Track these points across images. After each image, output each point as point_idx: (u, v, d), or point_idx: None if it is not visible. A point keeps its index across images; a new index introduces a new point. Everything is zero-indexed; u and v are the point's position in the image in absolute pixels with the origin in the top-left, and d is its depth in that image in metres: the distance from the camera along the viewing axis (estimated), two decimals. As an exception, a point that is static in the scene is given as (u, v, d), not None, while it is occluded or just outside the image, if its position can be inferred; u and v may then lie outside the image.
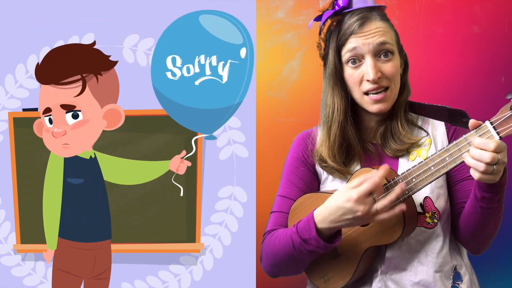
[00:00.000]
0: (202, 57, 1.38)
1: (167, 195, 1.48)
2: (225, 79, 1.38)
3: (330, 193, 1.23)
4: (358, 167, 1.29)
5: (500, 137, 1.05)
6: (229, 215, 1.49)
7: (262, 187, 1.47)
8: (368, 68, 1.21)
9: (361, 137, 1.31)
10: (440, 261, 1.24)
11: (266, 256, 1.30)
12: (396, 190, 1.12)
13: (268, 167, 1.70)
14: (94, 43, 1.44)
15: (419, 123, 1.30)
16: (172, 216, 1.49)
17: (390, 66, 1.22)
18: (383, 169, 1.12)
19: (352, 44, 1.22)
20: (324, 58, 1.29)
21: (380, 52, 1.22)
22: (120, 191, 1.47)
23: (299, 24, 1.99)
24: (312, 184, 1.34)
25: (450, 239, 1.27)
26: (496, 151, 1.04)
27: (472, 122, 1.09)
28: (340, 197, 1.14)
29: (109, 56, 1.42)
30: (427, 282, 1.23)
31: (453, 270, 1.26)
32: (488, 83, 1.94)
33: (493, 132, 1.06)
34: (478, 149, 1.05)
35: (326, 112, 1.28)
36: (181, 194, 1.48)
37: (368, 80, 1.22)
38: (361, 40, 1.21)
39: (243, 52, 1.39)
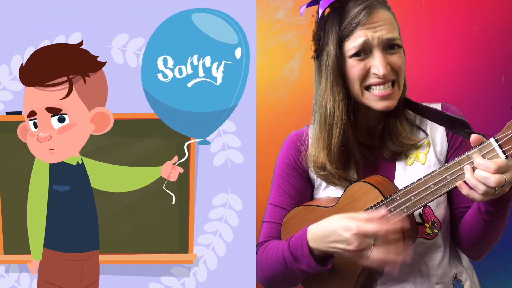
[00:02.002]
0: (195, 57, 1.36)
1: (158, 203, 1.46)
2: (219, 80, 1.36)
3: (324, 206, 1.23)
4: (354, 174, 1.27)
5: (507, 156, 0.99)
6: (224, 224, 1.46)
7: (262, 187, 1.47)
8: (378, 63, 1.16)
9: (357, 139, 1.28)
10: (441, 272, 1.23)
11: (260, 270, 1.30)
12: (397, 259, 1.09)
13: (268, 168, 1.71)
14: (81, 43, 1.42)
15: (417, 122, 1.28)
16: (163, 225, 1.47)
17: (397, 58, 1.19)
18: (400, 223, 1.08)
19: (360, 37, 1.16)
20: (320, 49, 1.23)
21: (387, 47, 1.18)
22: (109, 199, 1.45)
23: (299, 24, 2.04)
24: (305, 191, 1.32)
25: (450, 247, 1.26)
26: (500, 171, 0.98)
27: (474, 137, 1.03)
28: (339, 223, 1.11)
29: (97, 56, 1.40)
30: None
31: (454, 279, 1.25)
32: (488, 83, 1.99)
33: (499, 150, 1.00)
34: (481, 170, 1.00)
35: (325, 113, 1.23)
36: (173, 202, 1.46)
37: (375, 74, 1.17)
38: (370, 33, 1.15)
39: (238, 53, 1.37)
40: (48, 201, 1.40)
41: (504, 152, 0.99)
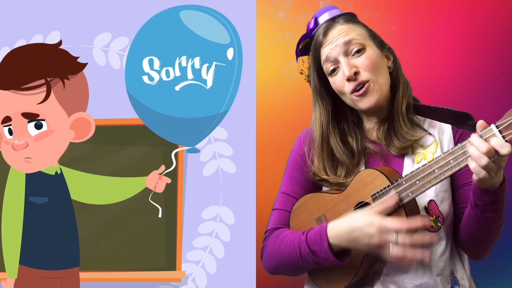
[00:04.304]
0: (184, 58, 1.35)
1: (144, 216, 1.46)
2: (209, 83, 1.36)
3: (332, 193, 1.33)
4: (363, 168, 1.34)
5: (506, 140, 1.12)
6: (214, 239, 1.45)
7: (262, 187, 1.48)
8: (343, 67, 1.32)
9: (365, 135, 1.38)
10: (442, 264, 1.30)
11: (270, 258, 1.35)
12: (416, 254, 1.17)
13: (267, 167, 1.76)
14: (60, 42, 1.39)
15: (425, 126, 1.37)
16: (149, 240, 1.46)
17: (364, 59, 1.32)
18: (422, 222, 1.18)
19: (324, 55, 1.34)
20: (309, 79, 1.41)
21: (350, 51, 1.33)
22: (90, 211, 1.45)
23: (299, 24, 2.09)
24: (315, 183, 1.39)
25: (452, 244, 1.33)
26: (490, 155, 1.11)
27: (479, 123, 1.15)
28: (362, 219, 1.22)
29: (77, 57, 1.37)
30: (428, 285, 1.29)
31: (451, 274, 1.32)
32: (488, 83, 2.04)
33: (499, 136, 1.13)
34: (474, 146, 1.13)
35: (314, 126, 1.41)
36: (160, 215, 1.43)
37: (348, 80, 1.31)
38: (329, 47, 1.34)
39: (230, 53, 1.37)
40: (24, 214, 1.36)
41: (503, 137, 1.12)
